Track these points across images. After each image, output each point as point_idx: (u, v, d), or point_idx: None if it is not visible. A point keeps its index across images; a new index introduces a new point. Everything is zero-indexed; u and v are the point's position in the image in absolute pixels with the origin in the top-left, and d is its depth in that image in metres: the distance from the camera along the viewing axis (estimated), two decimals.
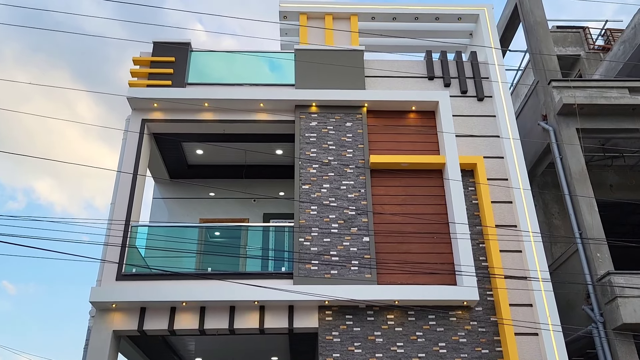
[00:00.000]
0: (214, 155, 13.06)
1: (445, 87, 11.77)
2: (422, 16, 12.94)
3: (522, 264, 9.97)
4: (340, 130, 11.04)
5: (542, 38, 12.64)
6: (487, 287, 9.82)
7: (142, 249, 10.57)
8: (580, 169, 11.03)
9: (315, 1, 12.90)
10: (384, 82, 11.78)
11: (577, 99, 11.35)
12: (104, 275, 9.63)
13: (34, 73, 44.76)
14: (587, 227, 10.42)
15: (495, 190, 10.66)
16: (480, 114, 11.53)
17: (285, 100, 11.17)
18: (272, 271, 10.08)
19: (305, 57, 11.75)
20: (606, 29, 17.96)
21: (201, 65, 11.95)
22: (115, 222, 9.96)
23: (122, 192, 10.42)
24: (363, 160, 10.72)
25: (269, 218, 13.17)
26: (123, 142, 11.08)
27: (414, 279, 9.74)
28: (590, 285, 10.02)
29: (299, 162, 10.67)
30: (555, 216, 13.17)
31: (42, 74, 44.63)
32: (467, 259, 9.58)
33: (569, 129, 11.45)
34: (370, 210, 10.22)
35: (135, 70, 11.55)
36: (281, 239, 10.69)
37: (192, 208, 13.55)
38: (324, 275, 9.64)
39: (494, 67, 11.90)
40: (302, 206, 10.26)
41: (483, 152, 11.07)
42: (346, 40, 12.47)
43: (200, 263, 10.54)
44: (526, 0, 13.25)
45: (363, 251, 9.88)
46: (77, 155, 47.39)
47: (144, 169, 11.02)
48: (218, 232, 11.85)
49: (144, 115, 11.16)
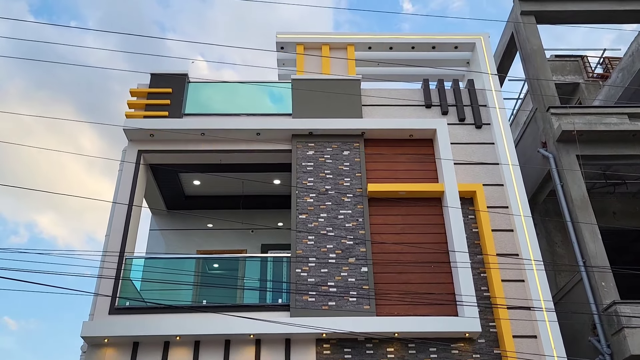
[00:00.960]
0: (212, 186, 12.98)
1: (443, 115, 11.73)
2: (418, 45, 13.00)
3: (525, 294, 9.72)
4: (338, 159, 10.95)
5: (540, 65, 12.64)
6: (489, 317, 9.55)
7: (136, 282, 10.39)
8: (582, 196, 10.86)
9: (312, 32, 13.01)
10: (382, 111, 11.75)
11: (576, 126, 11.27)
12: (97, 309, 9.41)
13: (38, 109, 45.22)
14: (591, 255, 10.19)
15: (496, 218, 10.48)
16: (479, 141, 11.44)
17: (282, 130, 11.13)
18: (268, 303, 9.85)
19: (302, 86, 11.76)
20: (604, 57, 18.02)
21: (198, 96, 11.97)
22: (109, 253, 9.80)
23: (117, 224, 10.28)
24: (361, 189, 10.59)
25: (267, 249, 12.97)
26: (119, 173, 11.00)
27: (414, 310, 9.49)
28: (596, 316, 9.74)
29: (296, 191, 10.56)
30: (559, 244, 12.94)
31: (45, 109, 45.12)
32: (468, 289, 9.35)
33: (569, 156, 11.33)
34: (369, 239, 10.04)
35: (133, 102, 11.56)
36: (279, 270, 10.50)
37: (190, 240, 13.39)
38: (322, 307, 9.40)
39: (492, 94, 11.87)
40: (299, 236, 10.09)
41: (482, 180, 10.93)
42: (343, 69, 12.51)
43: (197, 295, 10.33)
44: (522, 29, 13.31)
45: (361, 282, 9.66)
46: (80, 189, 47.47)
47: (139, 200, 10.91)
48: (215, 263, 11.66)
49: (141, 146, 11.12)
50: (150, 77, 11.92)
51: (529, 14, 13.34)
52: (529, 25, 13.23)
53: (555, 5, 13.36)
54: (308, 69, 12.49)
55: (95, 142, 47.80)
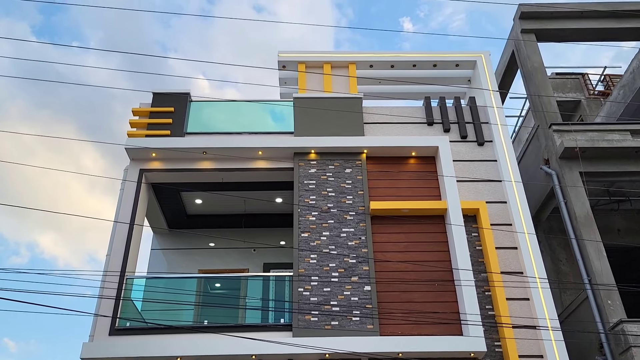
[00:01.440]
0: (213, 205, 12.94)
1: (445, 133, 11.72)
2: (419, 63, 13.04)
3: (530, 313, 9.59)
4: (340, 177, 10.92)
5: (541, 83, 12.66)
6: (494, 337, 9.42)
7: (137, 302, 10.28)
8: (586, 213, 10.79)
9: (313, 51, 13.07)
10: (383, 129, 11.74)
11: (578, 142, 11.24)
12: (97, 330, 9.31)
13: (40, 128, 45.30)
14: (596, 272, 10.08)
15: (500, 236, 10.40)
16: (481, 158, 11.41)
17: (284, 148, 11.12)
18: (270, 323, 9.73)
19: (304, 104, 11.78)
20: (605, 75, 18.08)
21: (200, 115, 11.98)
22: (110, 273, 9.72)
23: (118, 243, 10.23)
24: (363, 207, 10.54)
25: (269, 268, 12.88)
26: (121, 192, 10.97)
27: (418, 329, 9.37)
28: (602, 335, 9.59)
29: (298, 209, 10.50)
30: (563, 262, 12.82)
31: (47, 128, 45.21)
32: (472, 308, 9.24)
33: (572, 173, 11.28)
34: (372, 257, 9.96)
35: (135, 121, 11.58)
36: (281, 289, 10.38)
37: (191, 259, 13.31)
38: (325, 327, 9.28)
39: (494, 111, 11.87)
40: (302, 255, 10.02)
41: (485, 197, 10.88)
42: (345, 88, 12.53)
43: (199, 316, 10.22)
44: (523, 47, 13.37)
45: (364, 301, 9.55)
46: (81, 208, 47.36)
47: (141, 219, 10.87)
48: (217, 283, 11.56)
49: (142, 165, 11.11)
50: (152, 96, 11.95)
51: (530, 32, 13.41)
52: (529, 43, 13.29)
53: (555, 23, 13.42)
54: (310, 87, 12.52)
55: (98, 162, 47.86)
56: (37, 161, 43.28)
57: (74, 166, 44.96)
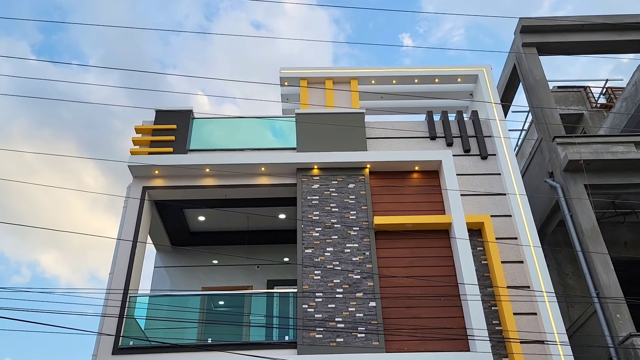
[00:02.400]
0: (216, 222, 12.89)
1: (448, 147, 11.69)
2: (421, 78, 13.07)
3: (537, 327, 9.47)
4: (343, 192, 10.88)
5: (543, 96, 12.66)
6: (502, 352, 9.28)
7: (140, 320, 10.20)
8: (592, 225, 10.70)
9: (315, 67, 13.12)
10: (386, 143, 11.72)
11: (582, 155, 11.19)
12: (100, 349, 9.22)
13: (41, 147, 45.32)
14: (604, 286, 9.96)
15: (505, 250, 10.31)
16: (485, 172, 11.37)
17: (287, 164, 11.09)
18: (275, 340, 9.62)
19: (307, 120, 11.78)
20: (607, 88, 18.08)
21: (203, 132, 11.99)
22: (113, 291, 9.65)
23: (121, 261, 10.17)
24: (367, 222, 10.48)
25: (272, 285, 12.80)
26: (123, 210, 10.95)
27: (424, 345, 9.24)
28: (612, 349, 9.45)
29: (302, 225, 10.45)
30: (570, 276, 12.70)
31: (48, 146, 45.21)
32: (479, 323, 9.12)
33: (577, 186, 11.21)
34: (376, 273, 9.87)
35: (137, 139, 11.58)
36: (285, 306, 10.29)
37: (195, 276, 13.23)
38: (330, 344, 9.17)
39: (496, 124, 11.85)
40: (305, 271, 9.94)
41: (490, 211, 10.81)
42: (347, 103, 12.55)
43: (202, 334, 10.12)
44: (524, 61, 13.39)
45: (370, 317, 9.44)
46: (83, 227, 47.15)
47: (144, 237, 10.82)
48: (221, 300, 11.46)
49: (145, 182, 11.09)
50: (154, 113, 11.98)
51: (531, 46, 13.45)
52: (531, 56, 13.32)
53: (556, 36, 13.47)
54: (312, 103, 12.54)
55: (99, 179, 47.83)
56: (39, 179, 43.27)
57: (76, 184, 44.96)
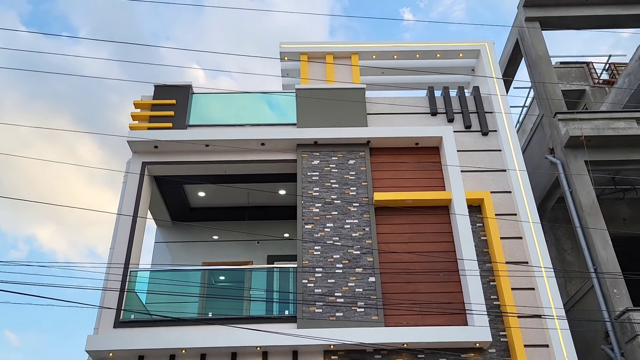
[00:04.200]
0: (217, 197, 12.90)
1: (449, 123, 11.63)
2: (422, 53, 12.94)
3: (535, 302, 9.55)
4: (343, 168, 10.86)
5: (545, 71, 12.55)
6: (499, 327, 9.38)
7: (141, 294, 10.28)
8: (591, 202, 10.71)
9: (315, 41, 12.98)
10: (387, 119, 11.67)
11: (583, 131, 11.15)
12: (102, 323, 9.32)
13: (35, 120, 44.71)
14: (602, 262, 10.02)
15: (504, 226, 10.34)
16: (486, 148, 11.33)
17: (287, 140, 11.05)
18: (275, 315, 9.72)
19: (307, 95, 11.70)
20: (610, 63, 17.92)
21: (202, 107, 11.92)
22: (114, 265, 9.71)
23: (122, 236, 10.21)
24: (367, 198, 10.49)
25: (273, 260, 12.87)
26: (123, 185, 10.95)
27: (423, 319, 9.34)
28: (608, 323, 9.55)
29: (302, 201, 10.46)
30: (568, 252, 12.77)
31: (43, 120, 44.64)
32: (477, 298, 9.19)
33: (577, 162, 11.20)
34: (376, 249, 9.92)
35: (136, 114, 11.52)
36: (285, 281, 10.36)
37: (195, 252, 13.30)
38: (329, 318, 9.26)
39: (498, 100, 11.77)
40: (305, 246, 9.98)
41: (490, 187, 10.81)
42: (347, 79, 12.45)
43: (203, 308, 10.22)
44: (527, 35, 13.25)
45: (369, 292, 9.52)
46: (81, 201, 46.83)
47: (144, 212, 10.84)
48: (221, 275, 11.55)
49: (145, 158, 11.07)
50: (153, 88, 11.89)
51: (534, 20, 13.28)
52: (533, 31, 13.17)
53: (559, 10, 13.29)
54: (312, 78, 12.44)
55: (96, 153, 47.46)
56: (34, 153, 42.92)
57: (72, 158, 44.65)
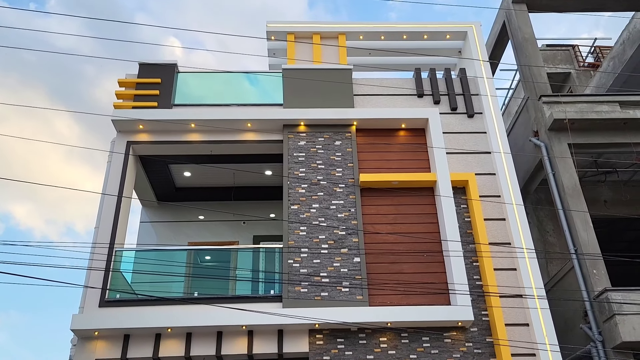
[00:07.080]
0: (202, 178, 12.86)
1: (435, 104, 11.66)
2: (410, 34, 12.90)
3: (517, 282, 9.73)
4: (329, 149, 10.87)
5: (531, 54, 12.60)
6: (481, 306, 9.55)
7: (127, 274, 10.28)
8: (574, 184, 10.87)
9: (302, 21, 12.89)
10: (373, 100, 11.67)
11: (567, 114, 11.25)
12: (87, 302, 9.32)
13: (7, 95, 43.07)
14: (583, 243, 10.21)
15: (488, 207, 10.46)
16: (471, 130, 11.40)
17: (273, 120, 11.01)
18: (261, 294, 9.79)
19: (293, 76, 11.63)
20: (595, 47, 18.02)
21: (188, 86, 11.81)
22: (99, 245, 9.69)
23: (107, 216, 10.16)
24: (353, 179, 10.53)
25: (259, 240, 12.89)
26: (108, 165, 10.86)
27: (406, 299, 9.47)
28: (587, 303, 9.77)
29: (288, 182, 10.48)
30: (550, 233, 12.97)
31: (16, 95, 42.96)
32: (460, 278, 9.33)
33: (561, 145, 11.32)
34: (361, 229, 10.00)
35: (121, 92, 11.39)
36: (271, 261, 10.43)
37: (181, 232, 13.29)
38: (314, 298, 9.36)
39: (484, 82, 11.81)
40: (291, 227, 10.03)
41: (474, 169, 10.90)
42: (334, 59, 12.39)
43: (189, 287, 10.24)
44: (514, 18, 13.25)
45: (354, 272, 9.61)
46: (58, 178, 45.31)
47: (129, 192, 10.79)
48: (207, 255, 11.57)
49: (130, 137, 10.98)
50: (138, 67, 11.74)
51: (521, 2, 13.28)
52: (520, 14, 13.18)
53: None
54: (299, 58, 12.37)
55: (73, 128, 46.12)
56: (9, 128, 41.54)
57: (48, 132, 43.22)
